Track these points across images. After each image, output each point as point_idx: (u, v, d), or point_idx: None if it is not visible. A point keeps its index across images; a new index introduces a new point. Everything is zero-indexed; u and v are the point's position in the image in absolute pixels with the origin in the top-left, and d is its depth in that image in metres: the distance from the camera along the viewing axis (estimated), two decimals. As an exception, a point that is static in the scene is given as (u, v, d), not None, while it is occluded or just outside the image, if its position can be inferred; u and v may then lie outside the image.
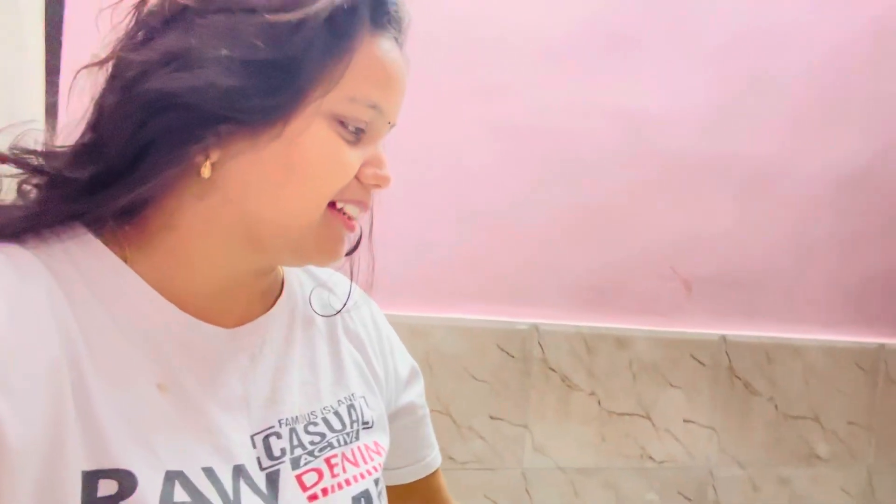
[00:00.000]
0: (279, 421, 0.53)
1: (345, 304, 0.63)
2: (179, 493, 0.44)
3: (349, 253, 0.61)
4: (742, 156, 1.25)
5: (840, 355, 1.32)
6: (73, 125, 0.47)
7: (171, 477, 0.44)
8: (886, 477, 1.37)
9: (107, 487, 0.42)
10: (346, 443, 0.56)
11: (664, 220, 1.22)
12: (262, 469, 0.50)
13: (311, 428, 0.54)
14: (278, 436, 0.52)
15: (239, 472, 0.48)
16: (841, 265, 1.32)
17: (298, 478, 0.52)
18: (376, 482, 0.57)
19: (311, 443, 0.54)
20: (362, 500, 0.54)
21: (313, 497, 0.52)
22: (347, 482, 0.55)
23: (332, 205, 0.50)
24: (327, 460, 0.54)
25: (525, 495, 1.15)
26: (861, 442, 1.35)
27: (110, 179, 0.46)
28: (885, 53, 1.31)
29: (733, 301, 1.27)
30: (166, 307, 0.49)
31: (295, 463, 0.52)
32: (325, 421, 0.56)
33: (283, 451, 0.52)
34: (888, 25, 1.31)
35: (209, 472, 0.46)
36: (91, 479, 0.41)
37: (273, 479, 0.50)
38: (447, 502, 0.74)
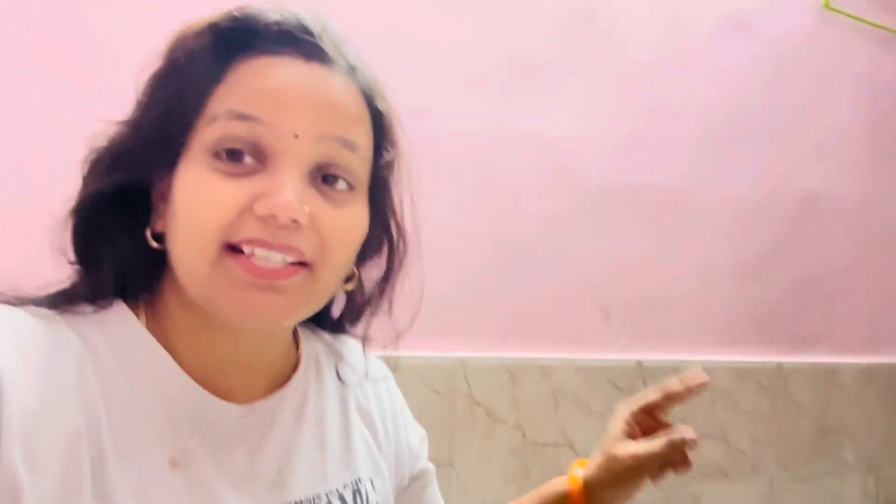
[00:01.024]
0: None
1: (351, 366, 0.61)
2: None
3: (351, 323, 0.61)
4: (649, 185, 1.29)
5: (743, 375, 1.38)
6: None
7: None
8: (786, 487, 1.45)
9: None
10: None
11: (581, 249, 1.23)
12: None
13: None
14: None
15: None
16: (742, 289, 1.39)
17: None
18: None
19: None
20: None
21: None
22: None
23: (233, 248, 0.45)
24: None
25: (451, 536, 1.11)
26: (763, 457, 1.41)
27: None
28: (779, 87, 1.40)
29: (647, 326, 1.30)
30: (185, 381, 0.49)
31: None
32: None
33: None
34: (782, 61, 1.40)
35: None
36: None
37: None
38: None
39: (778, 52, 1.40)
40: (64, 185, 0.48)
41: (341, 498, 0.55)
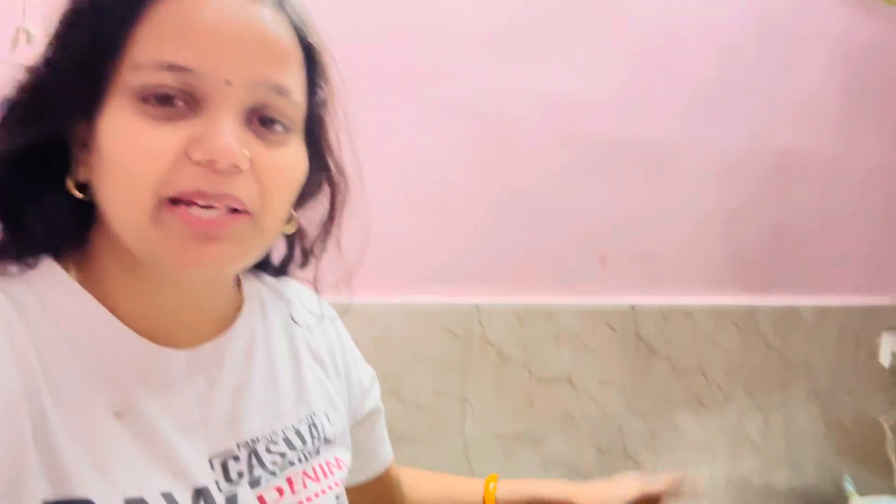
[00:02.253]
0: (237, 444, 0.52)
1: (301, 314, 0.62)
2: None
3: (298, 267, 0.61)
4: (644, 141, 1.38)
5: (721, 315, 1.52)
6: None
7: None
8: (752, 416, 1.61)
9: None
10: (306, 459, 0.56)
11: (584, 201, 1.32)
12: (220, 491, 0.50)
13: (271, 447, 0.54)
14: (236, 459, 0.52)
15: (200, 494, 0.48)
16: (723, 237, 1.51)
17: (259, 497, 0.52)
18: (337, 497, 0.58)
19: (273, 462, 0.54)
20: None
21: None
22: (308, 499, 0.55)
23: (172, 200, 0.44)
24: (288, 479, 0.55)
25: (465, 463, 1.23)
26: (734, 390, 1.57)
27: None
28: (765, 50, 1.49)
29: (640, 273, 1.41)
30: (123, 332, 0.48)
31: (255, 483, 0.52)
32: (286, 440, 0.56)
33: (240, 473, 0.52)
34: (768, 26, 1.48)
35: (168, 498, 0.46)
36: None
37: (232, 501, 0.50)
38: (398, 484, 0.78)
39: (763, 16, 1.48)
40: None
41: (297, 433, 0.57)
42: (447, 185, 1.17)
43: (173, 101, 0.43)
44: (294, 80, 0.48)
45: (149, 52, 0.42)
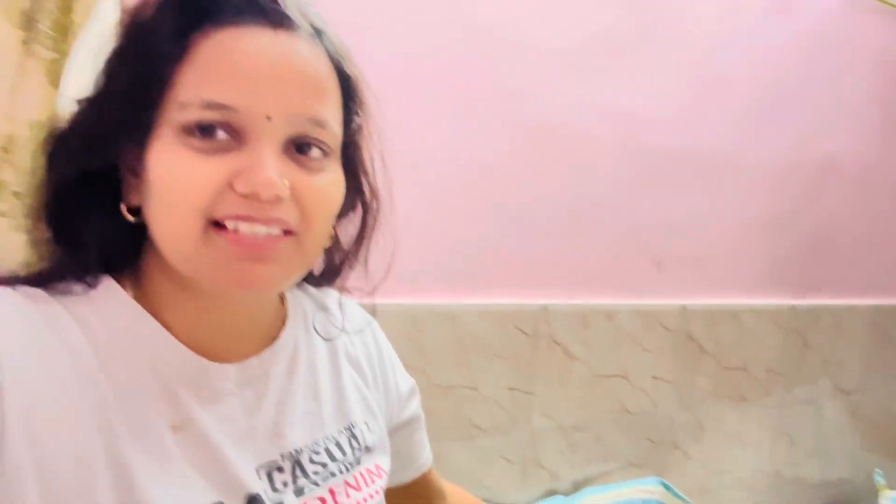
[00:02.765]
0: (281, 455, 0.54)
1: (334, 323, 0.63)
2: None
3: (329, 278, 0.63)
4: (698, 151, 1.46)
5: (764, 316, 1.60)
6: None
7: None
8: (790, 411, 1.70)
9: None
10: (347, 470, 0.58)
11: (642, 209, 1.40)
12: (268, 500, 0.52)
13: (314, 457, 0.56)
14: (280, 469, 0.54)
15: (253, 501, 0.51)
16: (767, 241, 1.59)
17: None
18: None
19: (315, 472, 0.56)
20: None
21: None
22: None
23: (218, 223, 0.46)
24: (330, 489, 0.56)
25: (532, 452, 1.32)
26: (775, 385, 1.65)
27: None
28: (811, 65, 1.56)
29: (691, 275, 1.49)
30: (176, 347, 0.50)
31: (299, 492, 0.54)
32: (327, 451, 0.58)
33: (284, 483, 0.53)
34: (815, 41, 1.56)
35: None
36: None
37: None
38: (439, 490, 0.79)
39: (808, 34, 1.55)
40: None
41: (337, 444, 0.58)
42: (519, 196, 1.25)
43: (216, 134, 0.45)
44: (331, 111, 0.50)
45: (192, 91, 0.45)
